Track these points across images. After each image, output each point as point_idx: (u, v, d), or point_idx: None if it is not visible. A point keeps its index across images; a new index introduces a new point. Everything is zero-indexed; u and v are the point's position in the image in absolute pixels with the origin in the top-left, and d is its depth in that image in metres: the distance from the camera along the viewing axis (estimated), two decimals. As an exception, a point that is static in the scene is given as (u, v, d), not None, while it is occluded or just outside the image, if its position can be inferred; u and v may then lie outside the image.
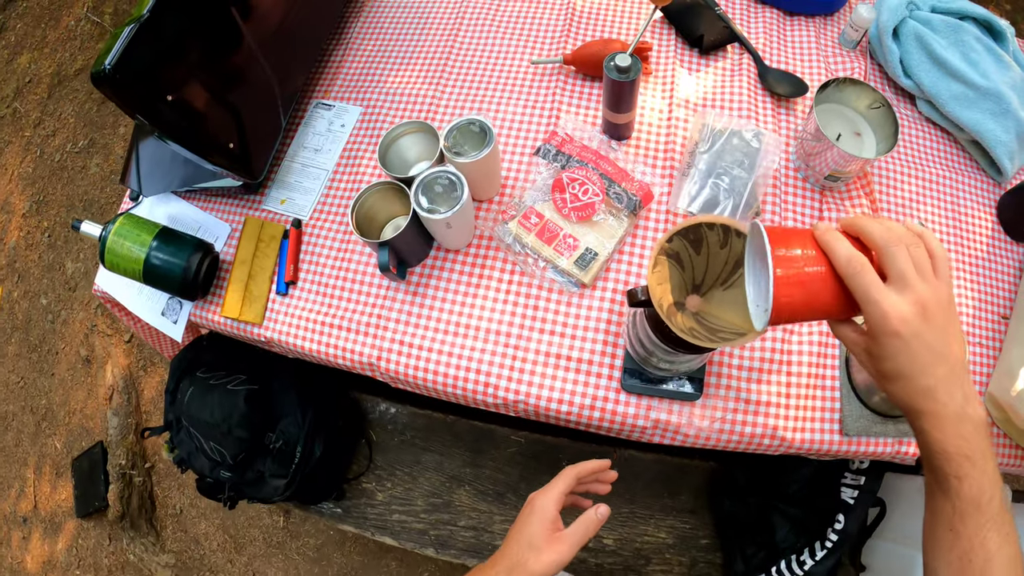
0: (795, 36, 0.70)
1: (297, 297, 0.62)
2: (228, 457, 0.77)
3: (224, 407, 0.76)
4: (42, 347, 1.29)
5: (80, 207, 1.38)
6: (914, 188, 0.64)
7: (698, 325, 0.40)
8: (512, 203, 0.57)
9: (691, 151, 0.59)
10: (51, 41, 1.64)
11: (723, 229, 0.39)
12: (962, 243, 0.63)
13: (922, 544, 0.33)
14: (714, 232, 0.40)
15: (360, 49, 0.74)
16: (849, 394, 0.56)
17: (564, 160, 0.57)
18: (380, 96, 0.69)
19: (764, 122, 0.64)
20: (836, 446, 0.54)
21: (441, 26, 0.73)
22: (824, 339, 0.56)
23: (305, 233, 0.64)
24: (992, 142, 0.65)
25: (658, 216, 0.58)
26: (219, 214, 0.69)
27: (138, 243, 0.62)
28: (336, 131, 0.68)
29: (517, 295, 0.56)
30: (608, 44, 0.63)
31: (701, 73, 0.66)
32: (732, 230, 0.39)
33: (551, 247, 0.55)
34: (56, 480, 1.18)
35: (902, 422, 0.55)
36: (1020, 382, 0.55)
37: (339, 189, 0.65)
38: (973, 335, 0.60)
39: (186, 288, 0.63)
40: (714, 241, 0.41)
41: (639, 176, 0.57)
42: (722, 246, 0.41)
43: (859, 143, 0.62)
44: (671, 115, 0.63)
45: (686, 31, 0.67)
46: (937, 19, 0.69)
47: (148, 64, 0.52)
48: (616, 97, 0.55)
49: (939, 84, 0.67)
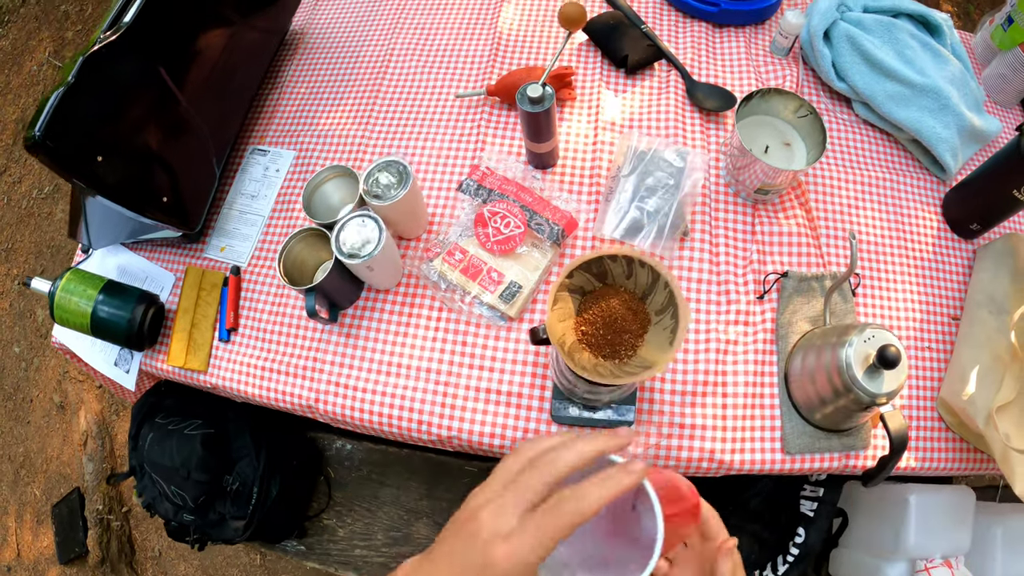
0: (725, 48, 0.73)
1: (239, 343, 0.66)
2: (189, 500, 0.81)
3: (182, 452, 0.80)
4: (17, 395, 1.35)
5: (48, 253, 1.45)
6: (853, 193, 0.66)
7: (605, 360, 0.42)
8: (437, 240, 0.61)
9: (614, 175, 0.62)
10: (14, 87, 1.72)
11: (626, 260, 0.42)
12: (908, 245, 0.65)
13: None
14: (617, 264, 0.43)
15: (294, 92, 0.78)
16: (790, 411, 0.58)
17: (486, 194, 0.60)
18: (312, 139, 0.73)
19: (692, 138, 0.66)
20: (779, 464, 0.56)
21: (371, 64, 0.77)
22: (761, 357, 0.58)
23: (244, 279, 0.68)
24: (932, 139, 0.67)
25: (584, 244, 0.61)
26: (164, 263, 0.73)
27: (84, 297, 0.67)
28: (271, 176, 0.72)
29: (446, 331, 0.59)
30: (531, 72, 0.66)
31: (627, 94, 0.69)
32: (635, 261, 0.42)
33: (476, 282, 0.58)
34: (37, 527, 1.23)
35: (847, 436, 0.57)
36: (971, 386, 0.57)
37: (275, 234, 0.69)
38: (922, 339, 0.61)
39: (132, 339, 0.67)
40: (619, 273, 0.43)
41: (562, 205, 0.60)
42: (627, 276, 0.43)
43: (789, 153, 0.65)
44: (596, 139, 0.66)
45: (611, 52, 0.70)
46: (869, 19, 0.71)
47: (77, 128, 0.56)
48: (533, 128, 0.59)
49: (873, 84, 0.69)
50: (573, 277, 0.42)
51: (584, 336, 0.43)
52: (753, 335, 0.59)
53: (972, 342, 0.60)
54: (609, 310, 0.42)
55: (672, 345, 0.39)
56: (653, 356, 0.41)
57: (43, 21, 1.84)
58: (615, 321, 0.42)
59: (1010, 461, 0.54)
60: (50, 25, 1.82)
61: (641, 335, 0.43)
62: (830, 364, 0.52)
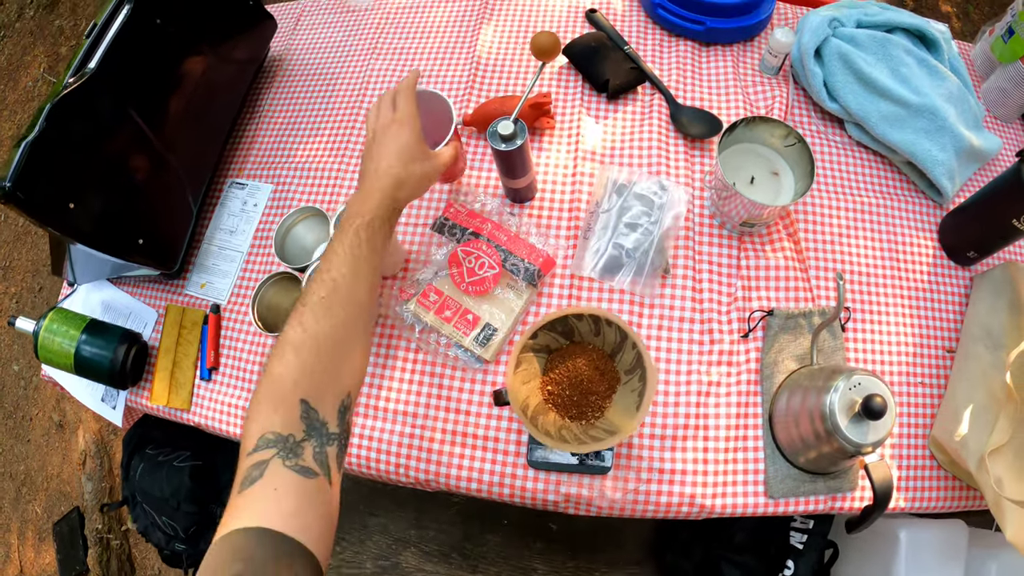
0: (712, 68, 0.71)
1: (219, 382, 0.66)
2: (180, 531, 0.82)
3: (172, 483, 0.81)
4: (17, 413, 1.38)
5: (44, 272, 1.47)
6: (845, 221, 0.64)
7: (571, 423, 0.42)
8: (412, 280, 0.60)
9: (592, 210, 0.61)
10: (10, 103, 1.74)
11: (593, 319, 0.41)
12: (902, 273, 0.63)
13: None
14: (584, 322, 0.42)
15: (272, 121, 0.77)
16: (774, 454, 0.57)
17: (460, 233, 0.59)
18: (289, 172, 0.72)
19: (676, 167, 0.65)
20: (762, 508, 0.55)
21: (348, 91, 0.76)
22: (744, 399, 0.57)
23: (225, 317, 0.68)
24: (928, 162, 0.64)
25: (562, 283, 0.60)
26: (147, 299, 0.73)
27: (67, 338, 0.68)
28: (249, 211, 0.72)
29: (422, 374, 0.59)
30: (505, 102, 0.65)
31: (609, 120, 0.68)
32: (602, 320, 0.41)
33: (451, 325, 0.57)
34: (39, 545, 1.26)
35: (833, 478, 0.56)
36: (964, 426, 0.55)
37: (253, 271, 0.69)
38: (915, 373, 0.60)
39: (115, 378, 0.68)
40: (586, 331, 0.43)
41: (539, 243, 0.59)
42: (595, 334, 0.42)
43: (776, 183, 0.63)
44: (576, 170, 0.65)
45: (592, 76, 0.68)
46: (863, 35, 0.69)
47: (48, 177, 0.56)
48: (506, 166, 0.57)
49: (867, 105, 0.66)
50: (537, 337, 0.41)
51: (550, 396, 0.42)
52: (737, 375, 0.57)
53: (967, 378, 0.58)
54: (576, 370, 0.41)
55: (639, 410, 0.38)
56: (620, 420, 0.40)
57: (38, 36, 1.84)
58: (582, 382, 0.41)
59: (1002, 507, 0.52)
60: (45, 40, 1.83)
61: (609, 396, 0.42)
62: (814, 409, 0.51)
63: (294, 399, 0.34)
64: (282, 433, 0.33)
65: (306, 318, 0.37)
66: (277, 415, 0.34)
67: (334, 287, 0.38)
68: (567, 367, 0.42)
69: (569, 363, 0.42)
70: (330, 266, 0.39)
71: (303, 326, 0.37)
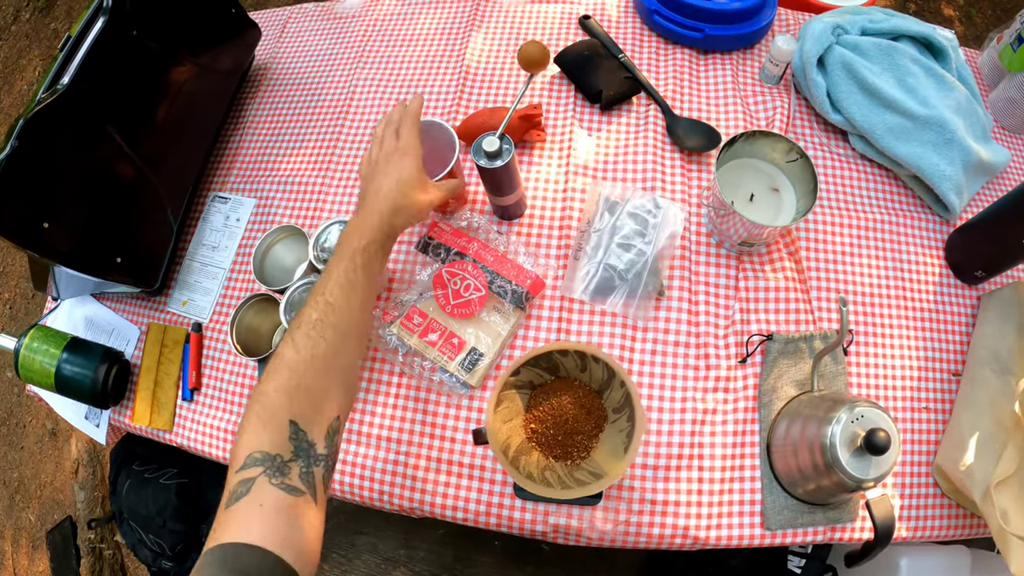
0: (710, 77, 0.68)
1: (202, 403, 0.65)
2: (167, 548, 0.81)
3: (158, 500, 0.80)
4: (10, 420, 1.37)
5: (38, 278, 1.45)
6: (848, 239, 0.62)
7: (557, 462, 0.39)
8: (395, 302, 0.58)
9: (583, 229, 0.58)
10: (5, 106, 1.72)
11: (579, 355, 0.39)
12: (907, 293, 0.60)
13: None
14: (569, 358, 0.40)
15: (256, 133, 0.75)
16: (771, 484, 0.54)
17: (445, 253, 0.57)
18: (272, 186, 0.70)
19: (672, 183, 0.62)
20: (758, 540, 0.53)
21: (334, 100, 0.74)
22: (741, 427, 0.55)
23: (207, 336, 0.66)
24: (936, 177, 0.62)
25: (552, 304, 0.57)
26: (130, 316, 0.72)
27: (48, 356, 0.66)
28: (232, 226, 0.70)
29: (406, 399, 0.57)
30: (493, 114, 0.62)
31: (602, 133, 0.65)
32: (589, 356, 0.39)
33: (436, 349, 0.55)
34: (33, 552, 1.26)
35: (831, 509, 0.54)
36: (969, 455, 0.53)
37: (236, 288, 0.67)
38: (920, 399, 0.57)
39: (96, 398, 0.66)
40: (572, 366, 0.40)
41: (528, 263, 0.57)
42: (581, 370, 0.40)
43: (777, 200, 0.60)
44: (567, 185, 0.62)
45: (584, 86, 0.66)
46: (868, 43, 0.66)
47: (20, 196, 0.54)
48: (492, 183, 0.55)
49: (872, 116, 0.64)
50: (520, 374, 0.39)
51: (534, 435, 0.40)
52: (734, 402, 0.55)
53: (973, 405, 0.55)
54: (560, 408, 0.39)
55: (627, 452, 0.36)
56: (606, 462, 0.38)
57: (33, 40, 1.83)
58: (567, 421, 0.39)
59: (1007, 540, 0.50)
60: (40, 43, 1.81)
61: (596, 435, 0.40)
62: (814, 440, 0.48)
63: (283, 419, 0.35)
64: (270, 452, 0.33)
65: (299, 339, 0.38)
66: (266, 434, 0.34)
67: (328, 310, 0.39)
68: (551, 404, 0.40)
69: (554, 400, 0.40)
70: (325, 289, 0.40)
71: (296, 347, 0.37)
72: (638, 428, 0.36)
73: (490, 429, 0.38)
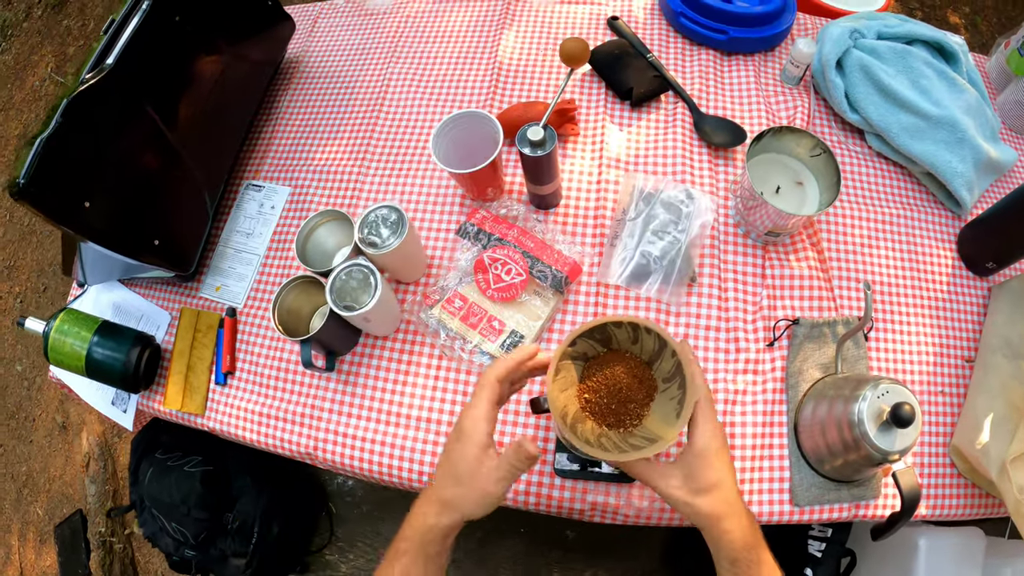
0: (734, 77, 0.70)
1: (235, 387, 0.65)
2: (190, 537, 0.81)
3: (182, 488, 0.80)
4: (19, 414, 1.35)
5: (50, 272, 1.44)
6: (866, 232, 0.64)
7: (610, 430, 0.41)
8: (436, 286, 0.59)
9: (619, 218, 0.60)
10: (17, 102, 1.71)
11: (631, 327, 0.40)
12: (922, 284, 0.63)
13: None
14: (623, 330, 0.41)
15: (289, 124, 0.76)
16: (799, 462, 0.56)
17: (486, 239, 0.58)
18: (307, 174, 0.71)
19: (700, 176, 0.64)
20: (787, 516, 0.55)
21: (368, 92, 0.75)
22: (770, 407, 0.57)
23: (241, 321, 0.67)
24: (948, 174, 0.65)
25: (588, 290, 0.59)
26: (160, 301, 0.72)
27: (79, 339, 0.66)
28: (266, 213, 0.70)
29: (446, 380, 0.58)
30: (529, 108, 0.64)
31: (633, 128, 0.67)
32: (641, 327, 0.40)
33: (476, 331, 0.56)
34: (40, 547, 1.24)
35: (856, 486, 0.56)
36: (984, 434, 0.55)
37: (271, 275, 0.68)
38: (936, 383, 0.60)
39: (127, 382, 0.66)
40: (624, 338, 0.42)
41: (565, 249, 0.59)
42: (633, 342, 0.42)
43: (801, 193, 0.63)
44: (600, 177, 0.64)
45: (615, 84, 0.68)
46: (883, 46, 0.69)
47: (63, 174, 0.54)
48: (534, 172, 0.57)
49: (888, 116, 0.66)
50: (576, 345, 0.40)
51: (588, 404, 0.41)
52: (762, 384, 0.57)
53: (986, 389, 0.58)
54: (614, 378, 0.41)
55: (679, 418, 0.38)
56: (659, 428, 0.39)
57: (45, 36, 1.82)
58: (620, 390, 0.40)
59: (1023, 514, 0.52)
60: (52, 40, 1.80)
61: (647, 403, 0.41)
62: (841, 417, 0.50)
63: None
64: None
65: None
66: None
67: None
68: (604, 375, 0.41)
69: (607, 371, 0.41)
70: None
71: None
72: (690, 394, 0.38)
73: (550, 396, 0.39)
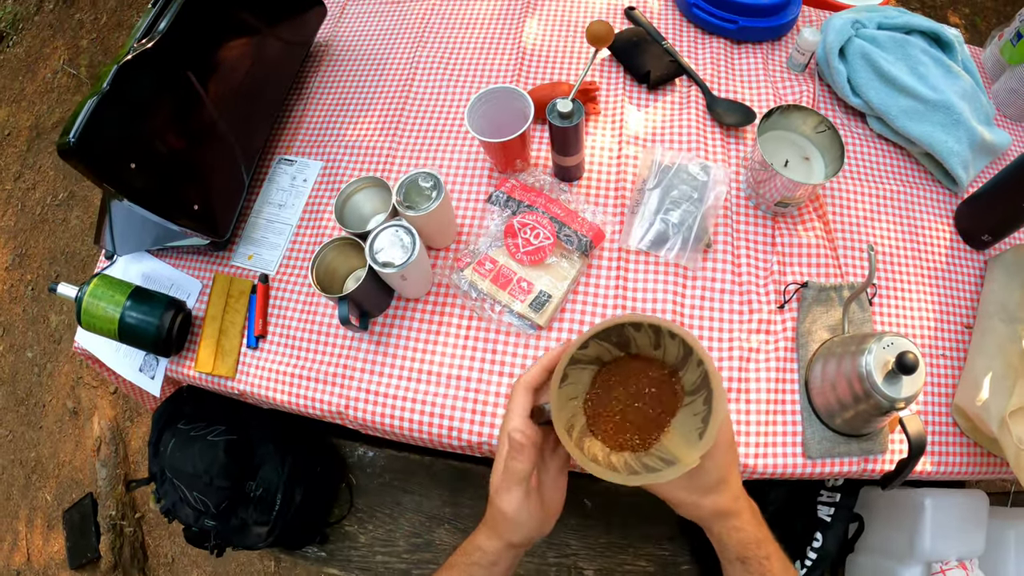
0: (743, 64, 0.75)
1: (267, 350, 0.67)
2: (211, 506, 0.81)
3: (205, 458, 0.80)
4: (29, 400, 1.35)
5: (62, 259, 1.45)
6: (869, 206, 0.68)
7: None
8: (467, 250, 0.62)
9: (640, 188, 0.64)
10: (28, 94, 1.73)
11: (653, 330, 0.33)
12: (921, 255, 0.67)
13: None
14: (642, 333, 0.34)
15: (320, 102, 0.79)
16: (810, 417, 0.59)
17: (515, 206, 0.62)
18: (339, 149, 0.74)
19: (713, 153, 0.68)
20: (800, 468, 0.57)
21: (397, 75, 0.79)
22: (782, 364, 0.59)
23: (272, 287, 0.69)
24: (945, 153, 0.69)
25: (611, 255, 0.62)
26: (190, 271, 0.74)
27: (112, 303, 0.68)
28: (299, 186, 0.73)
29: (476, 340, 0.60)
30: (555, 87, 0.68)
31: (650, 108, 0.71)
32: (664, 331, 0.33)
33: (506, 291, 0.59)
34: (48, 532, 1.23)
35: (865, 440, 0.59)
36: (984, 392, 0.58)
37: (303, 243, 0.70)
38: (937, 347, 0.63)
39: (160, 345, 0.68)
40: (644, 343, 0.35)
41: (589, 216, 0.62)
42: (655, 347, 0.35)
43: (808, 167, 0.66)
44: (620, 152, 0.68)
45: (633, 68, 0.72)
46: (883, 35, 0.73)
47: (111, 135, 0.57)
48: (562, 142, 0.60)
49: (888, 100, 0.71)
50: (588, 348, 0.34)
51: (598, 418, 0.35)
52: (774, 343, 0.60)
53: (985, 351, 0.61)
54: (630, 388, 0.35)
55: (702, 439, 0.31)
56: (678, 449, 0.32)
57: (57, 29, 1.85)
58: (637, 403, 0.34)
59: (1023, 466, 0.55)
60: (64, 33, 1.83)
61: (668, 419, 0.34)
62: (850, 371, 0.53)
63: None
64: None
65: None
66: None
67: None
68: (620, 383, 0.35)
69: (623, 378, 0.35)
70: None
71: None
72: (716, 411, 0.31)
73: (555, 407, 0.32)
